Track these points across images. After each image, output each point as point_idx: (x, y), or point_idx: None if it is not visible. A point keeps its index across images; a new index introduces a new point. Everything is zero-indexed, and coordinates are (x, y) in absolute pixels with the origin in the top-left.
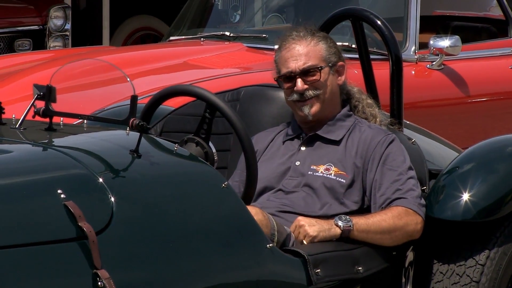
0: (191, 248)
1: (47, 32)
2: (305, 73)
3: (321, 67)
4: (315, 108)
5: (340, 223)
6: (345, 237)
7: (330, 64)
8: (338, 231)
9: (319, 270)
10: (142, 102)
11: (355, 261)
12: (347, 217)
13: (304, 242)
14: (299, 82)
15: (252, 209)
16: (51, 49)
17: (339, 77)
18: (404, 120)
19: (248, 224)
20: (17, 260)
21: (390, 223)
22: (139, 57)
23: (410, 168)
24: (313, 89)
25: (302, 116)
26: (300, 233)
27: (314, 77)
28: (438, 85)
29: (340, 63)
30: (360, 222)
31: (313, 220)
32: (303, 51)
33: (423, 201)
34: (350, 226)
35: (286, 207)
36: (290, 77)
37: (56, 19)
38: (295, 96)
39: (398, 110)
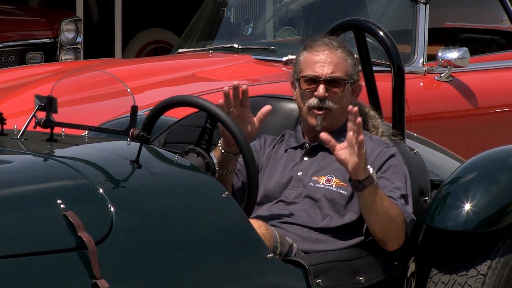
0: (191, 258)
1: (59, 45)
2: (330, 82)
3: (346, 81)
4: (327, 121)
5: (371, 170)
6: (362, 187)
7: (351, 81)
8: (369, 172)
9: (320, 280)
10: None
11: (356, 271)
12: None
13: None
14: (322, 88)
15: (255, 222)
16: (62, 61)
17: (353, 96)
18: (407, 131)
19: (249, 234)
20: (17, 270)
21: (394, 214)
22: (147, 69)
23: (406, 187)
24: (331, 101)
25: (311, 124)
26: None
27: (337, 88)
28: (446, 97)
29: (359, 83)
30: (381, 191)
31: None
32: (333, 61)
33: (410, 218)
34: (375, 180)
35: (287, 218)
36: (314, 81)
37: (68, 32)
38: (314, 101)
39: (400, 121)
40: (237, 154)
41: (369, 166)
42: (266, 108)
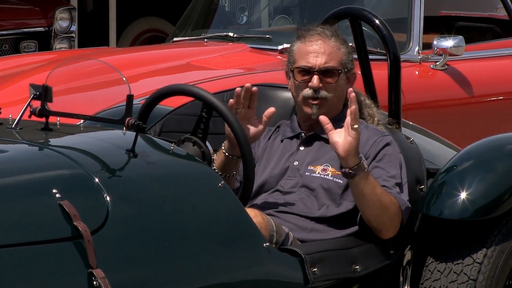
0: (187, 247)
1: (53, 34)
2: (324, 72)
3: (340, 70)
4: (323, 110)
5: (363, 159)
6: (352, 175)
7: (345, 70)
8: (359, 159)
9: (316, 269)
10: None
11: (352, 260)
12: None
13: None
14: (316, 79)
15: (251, 211)
16: (56, 50)
17: (348, 85)
18: (403, 119)
19: (245, 223)
20: (12, 259)
21: (387, 202)
22: (142, 58)
23: (402, 176)
24: (325, 90)
25: (307, 114)
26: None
27: (331, 79)
28: (441, 85)
29: (354, 71)
30: (372, 178)
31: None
32: (326, 50)
33: (404, 206)
34: (367, 168)
35: (284, 208)
36: (308, 72)
37: (62, 20)
38: (309, 92)
39: (396, 110)
40: (240, 158)
41: (360, 155)
42: (270, 110)
